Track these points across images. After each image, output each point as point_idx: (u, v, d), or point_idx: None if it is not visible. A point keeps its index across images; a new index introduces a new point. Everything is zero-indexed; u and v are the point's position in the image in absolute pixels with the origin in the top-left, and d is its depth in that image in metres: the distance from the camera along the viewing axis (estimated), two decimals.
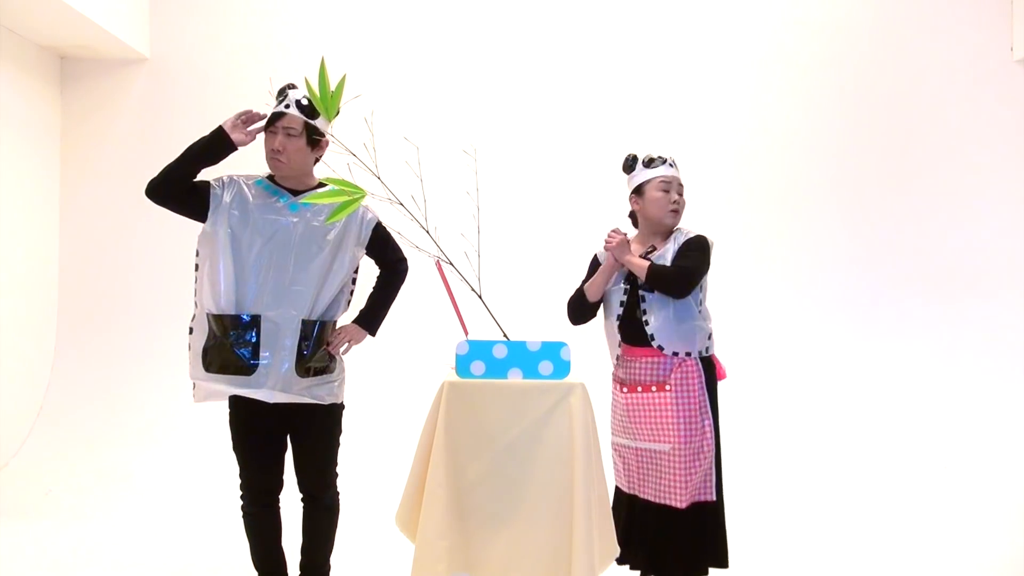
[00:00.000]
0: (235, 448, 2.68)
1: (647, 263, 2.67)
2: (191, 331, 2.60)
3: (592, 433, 2.39)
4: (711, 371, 2.73)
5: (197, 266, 2.62)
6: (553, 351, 2.43)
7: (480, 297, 2.90)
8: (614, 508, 2.73)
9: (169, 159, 2.57)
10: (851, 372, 4.88)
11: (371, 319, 2.84)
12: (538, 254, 5.00)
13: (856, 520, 3.99)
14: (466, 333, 2.82)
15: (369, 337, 2.82)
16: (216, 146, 2.54)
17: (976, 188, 4.92)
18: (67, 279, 5.10)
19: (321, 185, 2.68)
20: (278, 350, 2.53)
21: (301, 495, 2.75)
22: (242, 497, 2.71)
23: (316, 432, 2.69)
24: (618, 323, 2.81)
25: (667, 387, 2.67)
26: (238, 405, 2.63)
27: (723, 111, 5.05)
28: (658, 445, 2.68)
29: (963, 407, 4.74)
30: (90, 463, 4.58)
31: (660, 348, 2.68)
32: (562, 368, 2.43)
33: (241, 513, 2.71)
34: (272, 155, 2.59)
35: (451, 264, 2.92)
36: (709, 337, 2.76)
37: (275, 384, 2.53)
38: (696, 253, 2.70)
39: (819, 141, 5.03)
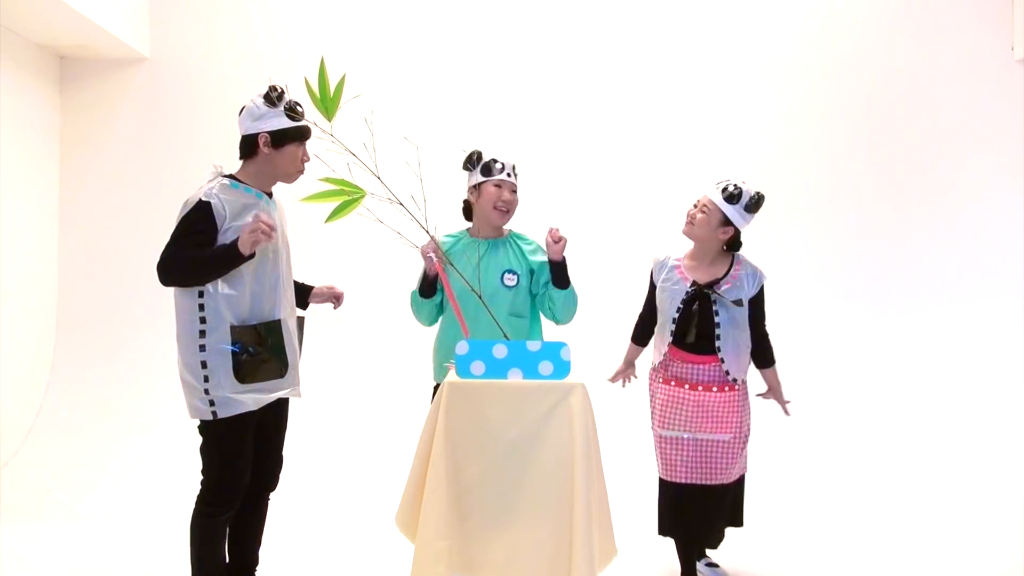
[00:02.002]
0: (229, 456, 2.60)
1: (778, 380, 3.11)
2: (203, 348, 2.53)
3: (592, 433, 2.39)
4: None
5: (201, 292, 2.52)
6: (553, 351, 2.42)
7: (480, 297, 2.90)
8: (675, 504, 2.98)
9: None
10: (859, 369, 4.88)
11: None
12: None
13: (861, 514, 3.99)
14: (466, 333, 2.82)
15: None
16: (234, 264, 2.49)
17: (977, 187, 4.92)
18: (67, 279, 5.10)
19: None
20: (294, 349, 2.70)
21: (252, 495, 2.74)
22: (215, 505, 2.62)
23: (283, 426, 2.84)
24: (673, 335, 2.99)
25: (736, 387, 2.95)
26: (248, 413, 2.60)
27: (724, 111, 5.05)
28: (719, 435, 2.92)
29: (969, 404, 4.74)
30: (90, 463, 4.58)
31: (727, 372, 2.94)
32: (562, 368, 2.42)
33: (209, 522, 2.62)
34: (302, 166, 2.70)
35: (451, 264, 2.92)
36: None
37: (296, 381, 2.72)
38: (763, 314, 3.04)
39: (820, 141, 5.03)
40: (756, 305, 2.98)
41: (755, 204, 2.91)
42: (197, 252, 2.45)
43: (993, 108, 4.91)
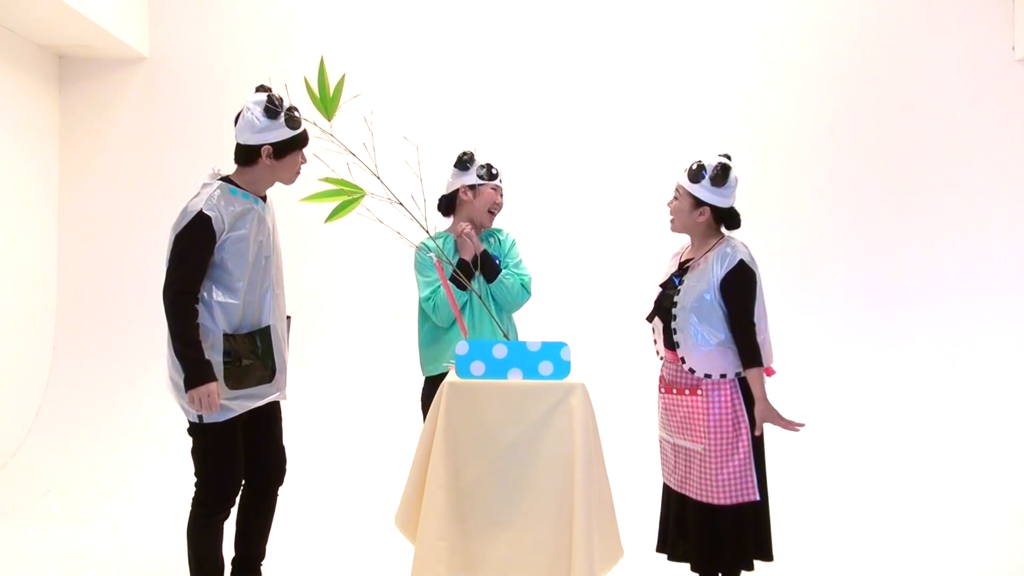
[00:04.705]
0: (219, 458, 2.62)
1: (761, 389, 2.62)
2: None
3: (592, 433, 2.38)
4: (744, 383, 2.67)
5: (197, 300, 2.53)
6: (553, 351, 2.42)
7: (480, 297, 2.90)
8: (662, 500, 2.84)
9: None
10: (852, 373, 4.86)
11: None
12: (538, 254, 4.99)
13: (858, 520, 3.98)
14: (465, 334, 2.82)
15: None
16: (184, 373, 2.48)
17: (977, 187, 4.91)
18: (66, 279, 5.09)
19: None
20: (281, 353, 2.71)
21: (259, 490, 2.80)
22: (209, 506, 2.64)
23: (276, 421, 2.84)
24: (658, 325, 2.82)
25: (699, 392, 2.65)
26: (234, 416, 2.62)
27: (724, 112, 5.04)
28: (691, 444, 2.67)
29: (966, 407, 4.73)
30: (89, 463, 4.57)
31: (691, 371, 2.66)
32: (562, 368, 2.42)
33: (205, 523, 2.65)
34: (300, 169, 2.71)
35: (451, 264, 2.92)
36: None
37: (283, 385, 2.73)
38: (743, 301, 2.65)
39: (820, 141, 5.03)
40: (728, 288, 2.62)
41: (720, 176, 2.67)
42: (191, 332, 2.47)
43: (994, 108, 4.91)
